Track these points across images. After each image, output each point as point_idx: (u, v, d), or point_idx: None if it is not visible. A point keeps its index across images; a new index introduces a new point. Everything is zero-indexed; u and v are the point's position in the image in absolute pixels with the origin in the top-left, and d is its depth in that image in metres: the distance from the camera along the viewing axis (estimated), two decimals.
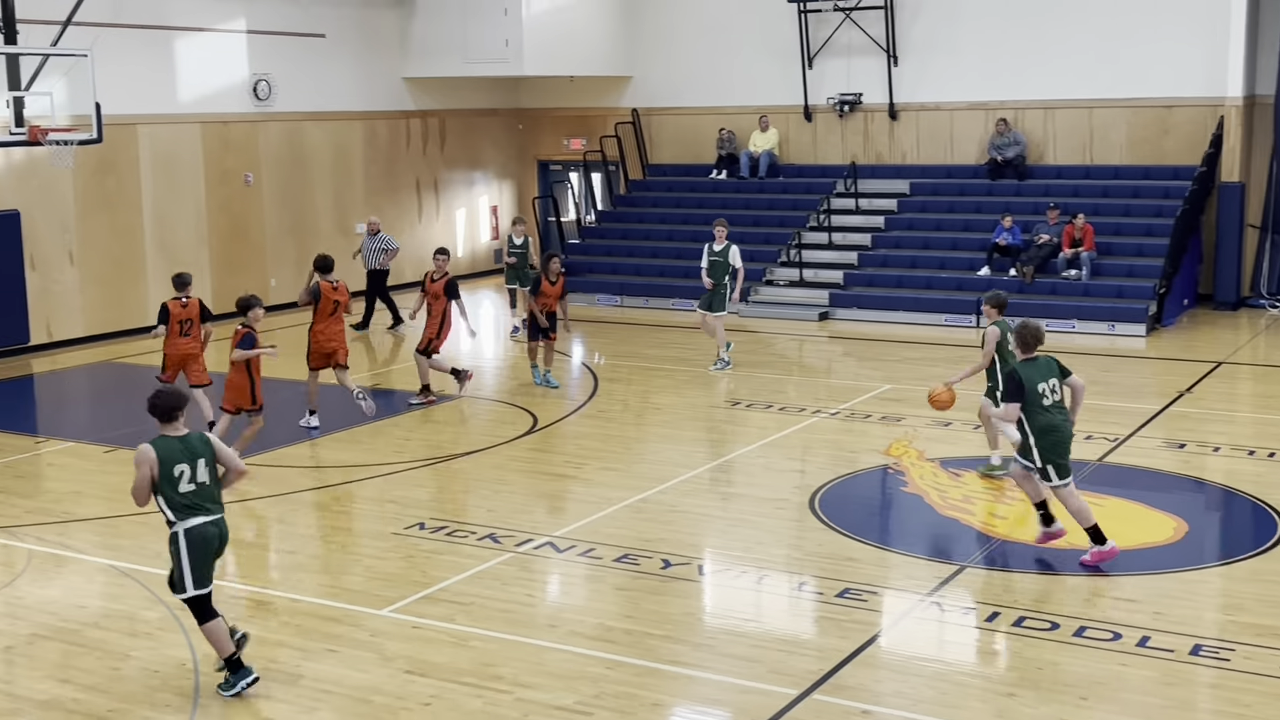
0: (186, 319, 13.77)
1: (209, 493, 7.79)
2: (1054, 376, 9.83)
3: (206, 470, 7.78)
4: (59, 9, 16.99)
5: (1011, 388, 9.66)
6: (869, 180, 24.24)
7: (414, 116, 25.53)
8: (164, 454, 7.67)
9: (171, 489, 7.65)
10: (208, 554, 7.76)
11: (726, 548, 10.53)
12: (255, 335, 12.73)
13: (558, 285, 16.08)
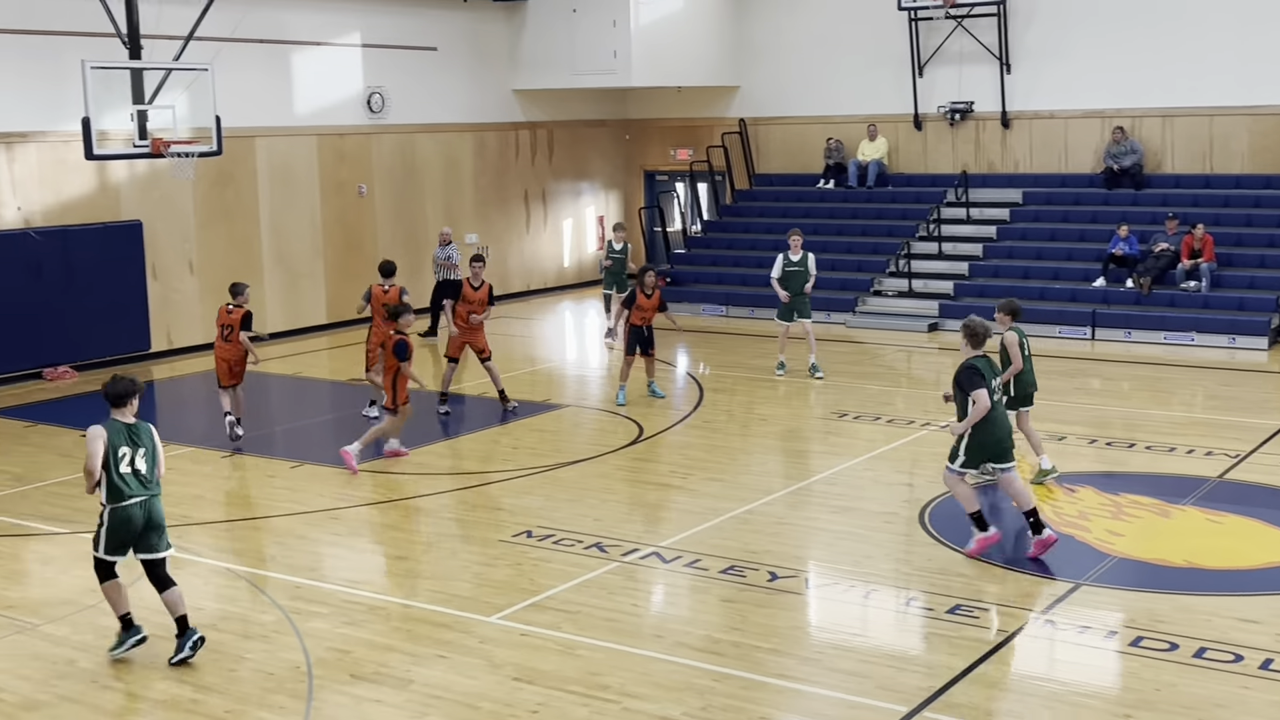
0: (228, 325, 14.31)
1: (142, 479, 8.46)
2: (996, 374, 10.26)
3: (145, 460, 8.48)
4: (182, 24, 17.46)
5: (973, 379, 10.04)
6: (980, 189, 23.89)
7: (523, 128, 25.78)
8: (111, 436, 8.37)
9: (113, 469, 8.35)
10: (128, 533, 8.47)
11: (834, 561, 10.44)
12: (408, 341, 13.12)
13: (654, 299, 16.03)
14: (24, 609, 9.57)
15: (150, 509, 8.52)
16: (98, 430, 8.37)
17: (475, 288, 15.88)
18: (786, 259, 17.76)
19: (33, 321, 17.97)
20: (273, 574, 10.23)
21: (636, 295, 16.00)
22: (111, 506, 8.39)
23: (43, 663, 8.60)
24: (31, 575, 10.51)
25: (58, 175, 18.29)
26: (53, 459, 13.86)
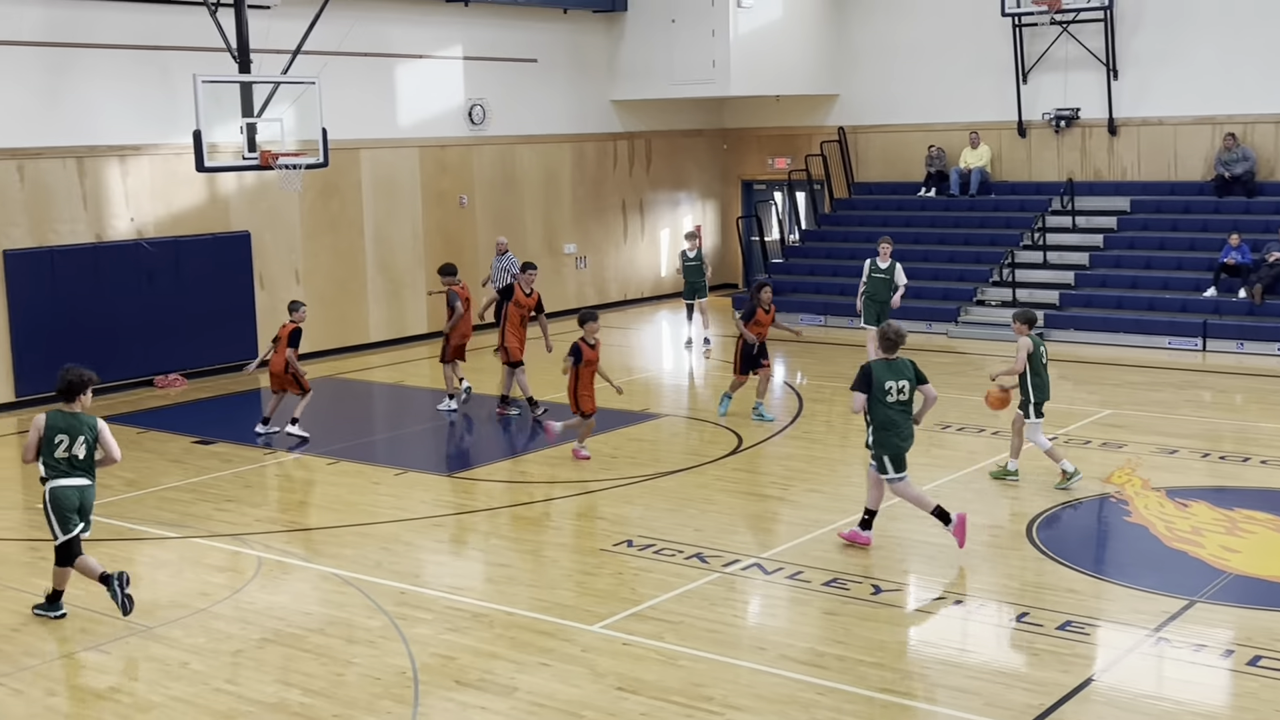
0: (276, 338, 15.37)
1: (79, 464, 9.42)
2: (905, 379, 10.49)
3: (83, 446, 9.41)
4: (289, 38, 17.80)
5: (859, 379, 10.50)
6: (1086, 197, 23.47)
7: (621, 138, 25.87)
8: (50, 423, 9.44)
9: (49, 453, 9.37)
10: (67, 510, 9.39)
11: (939, 575, 10.29)
12: (580, 345, 13.52)
13: (771, 314, 15.84)
14: (138, 611, 9.76)
15: (85, 496, 9.51)
16: (39, 419, 9.50)
17: (527, 294, 16.17)
18: (874, 265, 17.83)
19: (144, 330, 18.43)
20: (378, 580, 10.35)
21: (755, 311, 15.69)
22: (50, 486, 9.41)
23: (156, 664, 8.78)
24: (144, 578, 10.74)
25: (169, 187, 18.74)
26: (164, 465, 14.18)
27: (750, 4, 23.95)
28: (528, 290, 16.18)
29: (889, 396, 10.49)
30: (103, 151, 17.97)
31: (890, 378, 10.52)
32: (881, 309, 18.00)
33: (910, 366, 10.67)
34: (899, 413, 10.54)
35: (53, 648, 9.10)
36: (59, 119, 17.47)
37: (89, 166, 17.86)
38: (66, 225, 17.68)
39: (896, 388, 10.52)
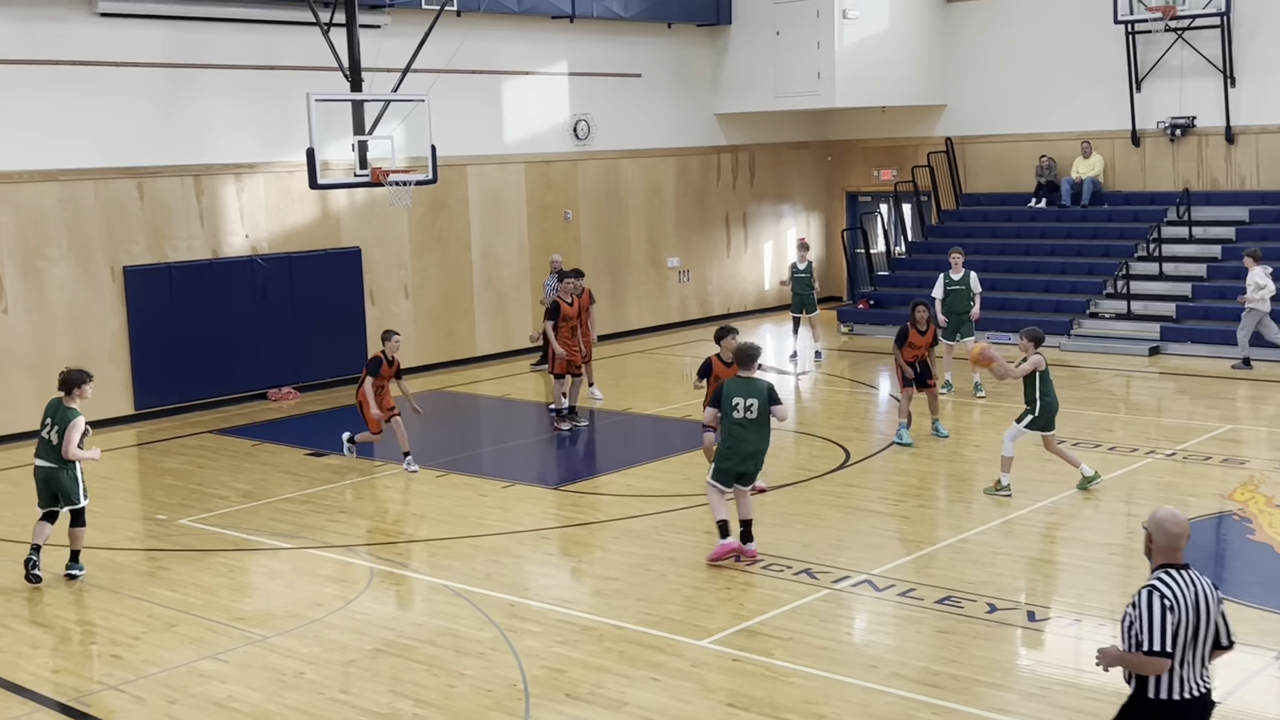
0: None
1: (49, 448, 10.90)
2: (756, 398, 10.65)
3: (55, 434, 10.88)
4: (399, 57, 18.07)
5: (713, 396, 10.92)
6: (1203, 207, 22.88)
7: (724, 151, 25.84)
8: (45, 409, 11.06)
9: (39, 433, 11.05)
10: (37, 484, 11.00)
11: (1056, 593, 10.08)
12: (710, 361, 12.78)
13: (928, 335, 15.39)
14: (254, 621, 9.96)
15: (46, 473, 10.87)
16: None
17: (569, 304, 16.48)
18: (948, 278, 17.67)
19: (258, 344, 18.81)
20: (488, 591, 10.41)
21: (909, 333, 15.20)
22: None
23: (272, 674, 8.92)
24: (260, 588, 10.95)
25: (282, 204, 19.12)
26: (279, 477, 14.44)
27: (856, 15, 23.79)
28: (569, 300, 16.59)
29: (735, 413, 10.67)
30: (219, 170, 18.41)
31: (740, 394, 10.71)
32: (960, 321, 17.70)
33: (765, 388, 10.76)
34: (742, 429, 10.68)
35: (172, 656, 9.30)
36: (177, 138, 17.94)
37: (206, 184, 18.30)
38: (184, 242, 18.12)
39: (744, 405, 10.67)
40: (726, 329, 12.90)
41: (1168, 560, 5.87)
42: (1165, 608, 5.70)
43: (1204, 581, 5.86)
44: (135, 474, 15.24)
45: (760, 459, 10.92)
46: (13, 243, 16.51)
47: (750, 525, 10.98)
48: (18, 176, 16.52)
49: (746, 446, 10.76)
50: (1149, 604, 5.72)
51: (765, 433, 10.85)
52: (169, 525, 12.70)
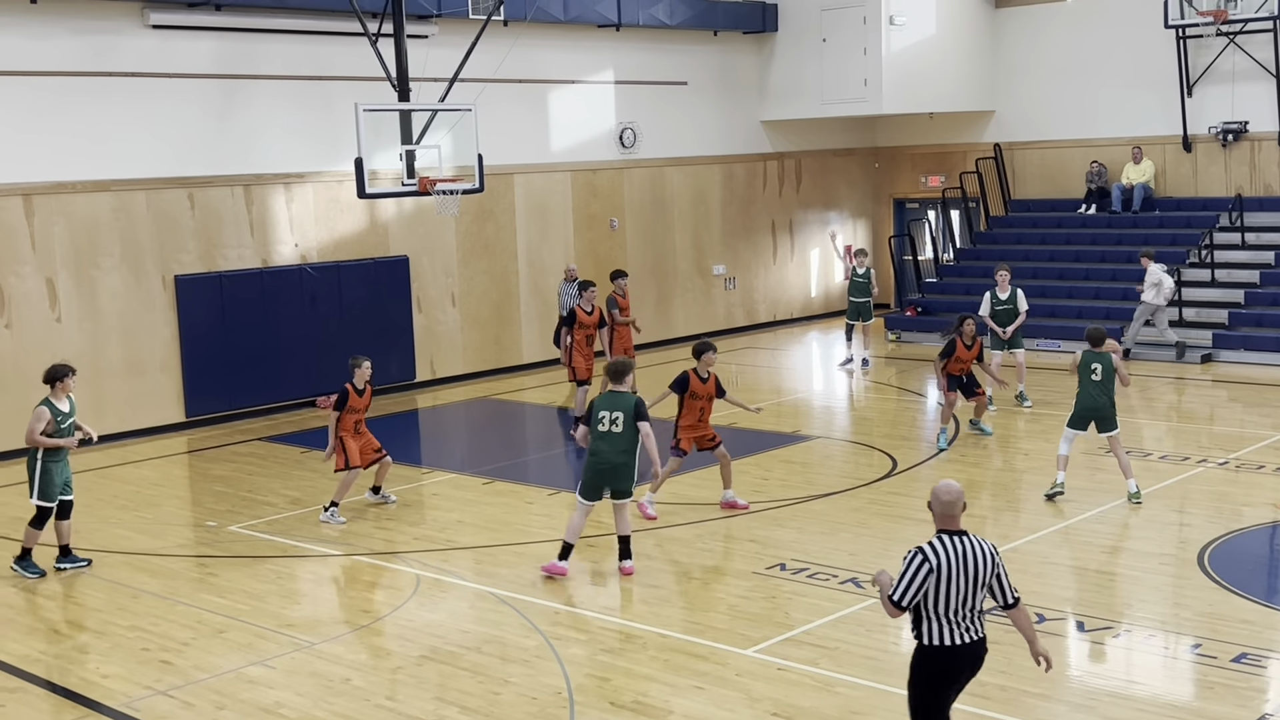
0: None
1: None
2: (622, 411, 10.63)
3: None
4: (446, 66, 18.18)
5: (585, 411, 10.86)
6: (1256, 213, 22.59)
7: (770, 158, 25.79)
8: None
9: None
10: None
11: (1106, 603, 9.96)
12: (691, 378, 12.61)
13: (974, 349, 15.33)
14: (302, 628, 10.03)
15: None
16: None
17: (588, 313, 16.88)
18: (994, 296, 17.47)
19: (307, 352, 18.95)
20: (533, 599, 10.43)
21: (956, 346, 15.22)
22: None
23: (319, 680, 8.98)
24: (308, 595, 11.03)
25: (331, 213, 19.28)
26: (327, 484, 14.53)
27: (903, 21, 23.69)
28: (589, 309, 16.96)
29: (600, 426, 10.74)
30: (268, 179, 18.59)
31: (606, 408, 10.77)
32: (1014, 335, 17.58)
33: (634, 403, 10.72)
34: (603, 443, 10.70)
35: (221, 662, 9.38)
36: (227, 148, 18.13)
37: (256, 194, 18.48)
38: (234, 251, 18.31)
39: (610, 418, 10.72)
40: (706, 344, 12.84)
41: (943, 526, 6.58)
42: (921, 567, 6.44)
43: (981, 547, 6.52)
44: (186, 481, 15.40)
45: (623, 473, 10.72)
46: (66, 252, 16.74)
47: (628, 542, 10.96)
48: (71, 187, 16.76)
49: (603, 461, 10.72)
50: (910, 561, 6.49)
51: (629, 447, 10.72)
52: (218, 532, 12.83)
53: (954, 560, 6.44)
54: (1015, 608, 6.69)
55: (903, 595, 6.47)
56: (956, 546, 6.48)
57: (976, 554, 6.49)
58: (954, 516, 6.57)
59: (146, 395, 17.52)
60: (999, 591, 6.60)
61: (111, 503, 14.08)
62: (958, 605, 6.46)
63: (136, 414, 17.43)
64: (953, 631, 6.49)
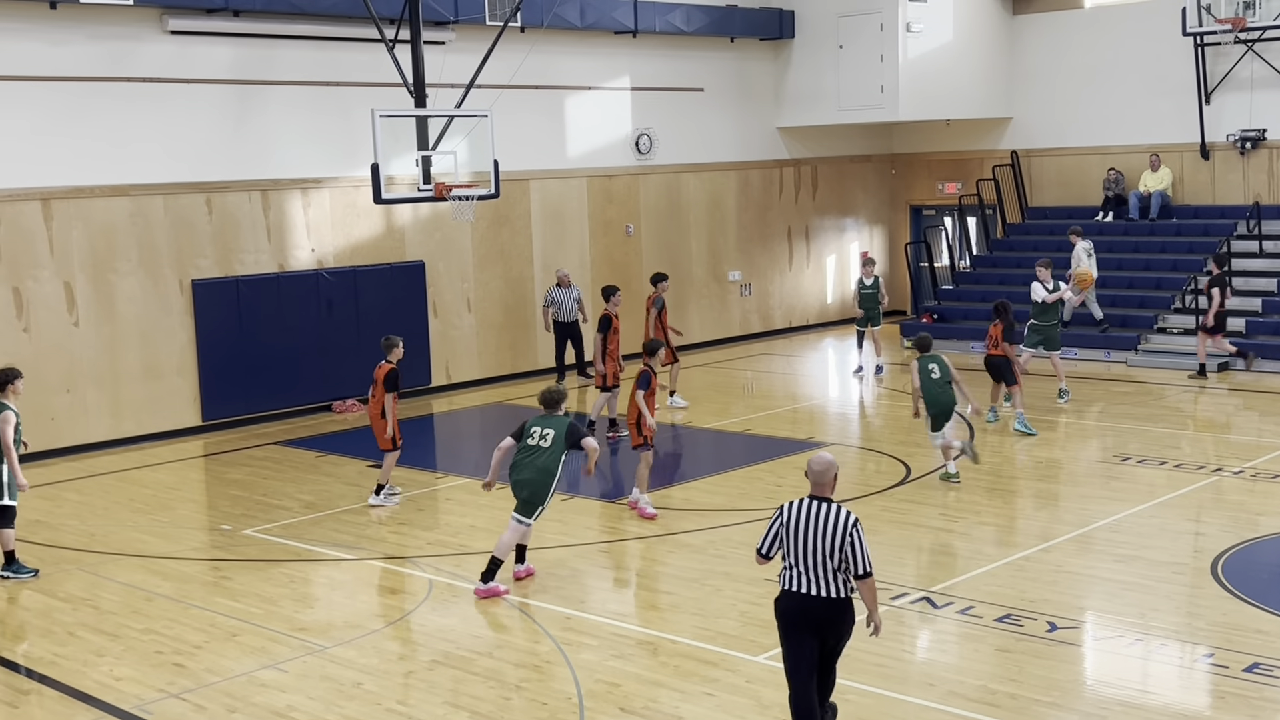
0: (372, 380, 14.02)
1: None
2: (554, 429, 10.86)
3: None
4: (463, 73, 18.24)
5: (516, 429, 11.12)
6: (1274, 221, 22.49)
7: (787, 165, 25.79)
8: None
9: None
10: None
11: (1118, 613, 9.92)
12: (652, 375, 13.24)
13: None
14: (314, 631, 10.07)
15: None
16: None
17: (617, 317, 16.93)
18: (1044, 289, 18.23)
19: (323, 357, 19.03)
20: (544, 604, 10.45)
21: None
22: None
23: (330, 684, 9.01)
24: (321, 599, 11.07)
25: (348, 219, 19.35)
26: (342, 488, 14.60)
27: (920, 28, 23.67)
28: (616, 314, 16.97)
29: (529, 439, 10.91)
30: (285, 185, 18.67)
31: (539, 425, 10.95)
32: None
33: (565, 424, 10.89)
34: (525, 455, 10.88)
35: (233, 665, 9.42)
36: (244, 153, 18.22)
37: (272, 199, 18.56)
38: (251, 255, 18.39)
39: (540, 432, 10.89)
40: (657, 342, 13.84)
41: (813, 492, 7.57)
42: (775, 520, 7.59)
43: (838, 516, 7.37)
44: (201, 484, 15.47)
45: (533, 489, 10.77)
46: (83, 256, 16.85)
47: (524, 549, 11.12)
48: (89, 191, 16.87)
49: (518, 474, 10.85)
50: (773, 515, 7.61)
51: (547, 466, 10.77)
52: (233, 535, 12.88)
53: (806, 519, 7.39)
54: (863, 579, 7.35)
55: (761, 541, 7.61)
56: (813, 509, 7.42)
57: (830, 520, 7.35)
58: (823, 485, 7.54)
59: (163, 399, 17.60)
60: (851, 560, 7.30)
61: (127, 506, 14.15)
62: (809, 558, 7.33)
63: (153, 418, 17.52)
64: (803, 580, 7.35)
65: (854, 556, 7.29)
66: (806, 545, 7.33)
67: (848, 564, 7.30)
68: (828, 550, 7.28)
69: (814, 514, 7.38)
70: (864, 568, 7.31)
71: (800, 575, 7.36)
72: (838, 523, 7.32)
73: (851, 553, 7.28)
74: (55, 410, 16.60)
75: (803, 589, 7.34)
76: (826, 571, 7.31)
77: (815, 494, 7.50)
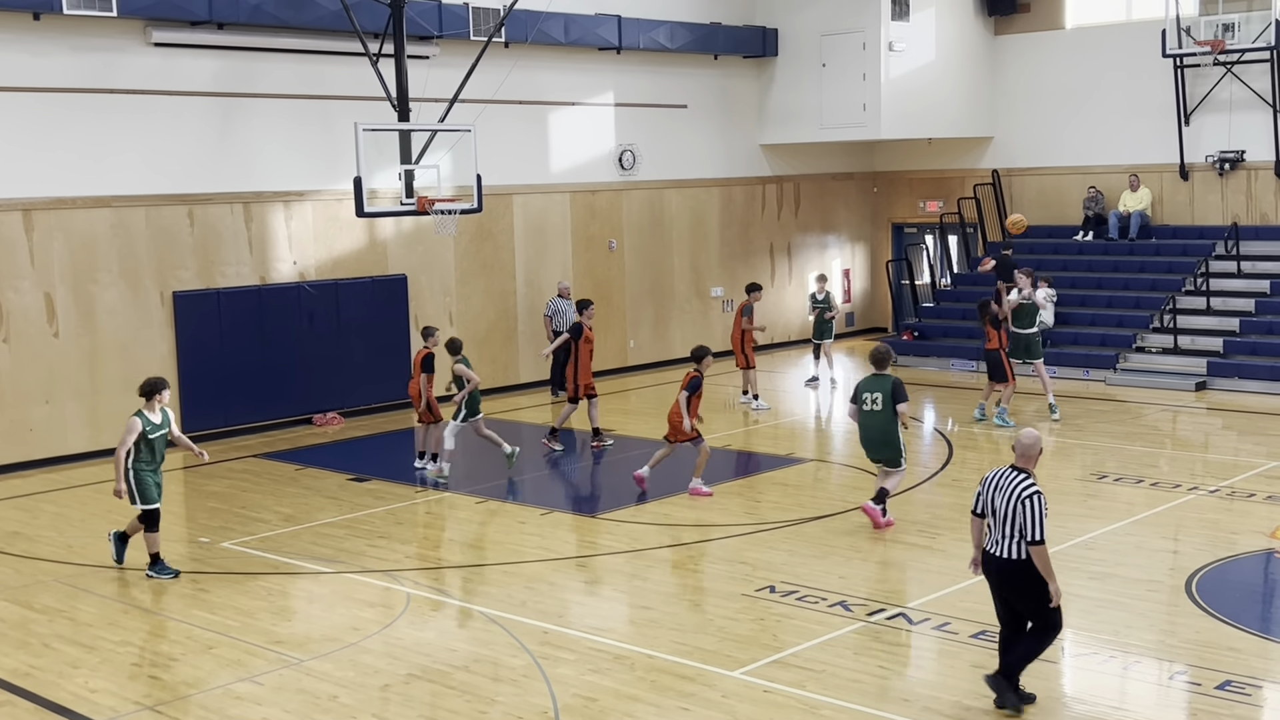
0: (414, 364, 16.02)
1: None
2: (878, 391, 12.58)
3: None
4: (447, 87, 18.29)
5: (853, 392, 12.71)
6: (1252, 242, 22.67)
7: (769, 182, 25.89)
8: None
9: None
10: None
11: (1093, 629, 9.98)
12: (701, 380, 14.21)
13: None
14: (290, 644, 10.06)
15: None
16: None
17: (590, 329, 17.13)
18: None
19: (304, 370, 19.01)
20: (522, 619, 10.46)
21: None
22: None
23: (306, 697, 9.00)
24: (298, 612, 11.05)
25: (330, 232, 19.36)
26: (321, 501, 14.58)
27: (902, 47, 23.82)
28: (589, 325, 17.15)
29: (863, 405, 12.60)
30: (268, 197, 18.67)
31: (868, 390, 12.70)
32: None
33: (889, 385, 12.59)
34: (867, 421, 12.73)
35: (209, 678, 9.40)
36: (227, 166, 18.22)
37: (255, 211, 18.56)
38: (233, 268, 18.38)
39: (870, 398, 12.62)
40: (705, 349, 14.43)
41: (1015, 462, 8.43)
42: (981, 484, 8.55)
43: (1014, 482, 8.27)
44: (180, 497, 15.42)
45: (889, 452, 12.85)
46: (64, 267, 16.81)
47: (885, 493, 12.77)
48: (71, 202, 16.85)
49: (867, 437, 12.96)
50: (1042, 496, 8.26)
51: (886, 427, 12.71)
52: (211, 548, 12.86)
53: (997, 484, 8.41)
54: (1033, 545, 8.11)
55: (974, 502, 8.62)
56: (1005, 476, 8.38)
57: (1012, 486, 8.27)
58: (1027, 458, 8.38)
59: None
60: (1024, 526, 8.15)
61: (105, 517, 14.09)
62: (995, 520, 8.34)
63: None
64: (991, 539, 8.40)
65: (1027, 521, 8.08)
66: (994, 508, 8.27)
67: (1023, 529, 8.08)
68: (1007, 514, 8.16)
69: (1004, 481, 8.30)
70: (1034, 535, 8.07)
71: (990, 534, 8.34)
72: (1017, 489, 8.17)
73: (1024, 518, 8.08)
74: (34, 421, 16.55)
75: (990, 548, 8.34)
76: (1003, 533, 8.20)
77: (1016, 464, 8.36)
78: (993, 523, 8.30)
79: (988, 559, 8.37)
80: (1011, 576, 8.21)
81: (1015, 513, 8.13)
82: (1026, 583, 8.17)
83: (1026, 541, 8.09)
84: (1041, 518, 8.08)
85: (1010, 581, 8.23)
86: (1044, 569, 8.12)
